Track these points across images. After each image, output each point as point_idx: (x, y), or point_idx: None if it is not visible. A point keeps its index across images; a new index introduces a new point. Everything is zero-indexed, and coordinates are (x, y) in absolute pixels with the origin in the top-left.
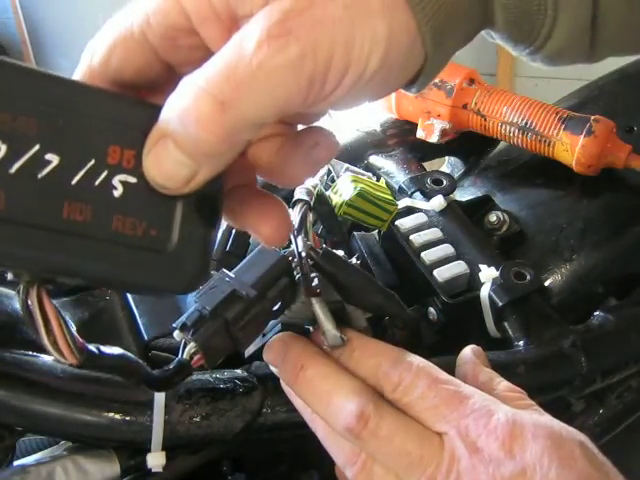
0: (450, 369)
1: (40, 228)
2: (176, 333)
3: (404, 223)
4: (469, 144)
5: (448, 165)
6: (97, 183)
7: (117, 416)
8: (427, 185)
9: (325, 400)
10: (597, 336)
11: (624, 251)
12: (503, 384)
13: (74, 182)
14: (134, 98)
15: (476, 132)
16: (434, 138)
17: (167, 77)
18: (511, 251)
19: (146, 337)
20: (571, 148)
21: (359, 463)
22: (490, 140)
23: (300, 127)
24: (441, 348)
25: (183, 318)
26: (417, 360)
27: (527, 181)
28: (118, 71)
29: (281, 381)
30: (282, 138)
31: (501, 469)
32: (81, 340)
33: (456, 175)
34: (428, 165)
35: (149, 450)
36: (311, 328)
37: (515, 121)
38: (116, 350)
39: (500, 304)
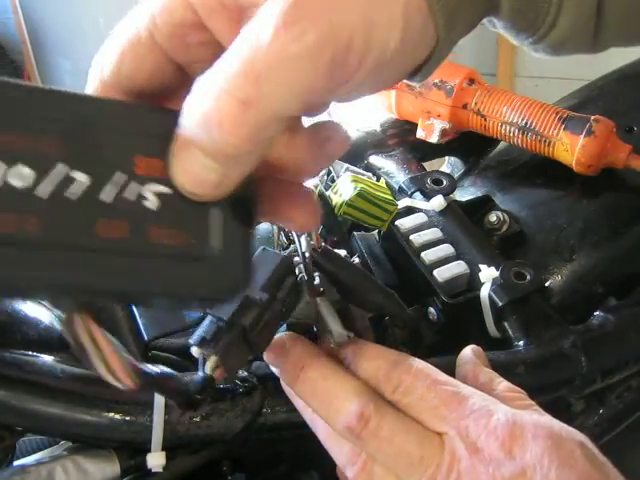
0: (450, 369)
1: (78, 250)
2: (194, 350)
3: (404, 223)
4: (469, 144)
5: (448, 165)
6: (128, 196)
7: (117, 416)
8: (427, 185)
9: (326, 400)
10: (597, 336)
11: (624, 251)
12: (503, 384)
13: (105, 198)
14: (151, 105)
15: (476, 132)
16: (434, 138)
17: (179, 80)
18: (511, 251)
19: (146, 337)
20: (571, 148)
21: (359, 463)
22: (490, 140)
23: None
24: (441, 348)
25: (200, 333)
26: (416, 362)
27: (527, 181)
28: (130, 79)
29: (281, 381)
30: (291, 132)
31: (501, 469)
32: (135, 362)
33: (456, 175)
34: (428, 165)
35: (149, 450)
36: (314, 327)
37: (515, 121)
38: (161, 369)
39: (500, 304)
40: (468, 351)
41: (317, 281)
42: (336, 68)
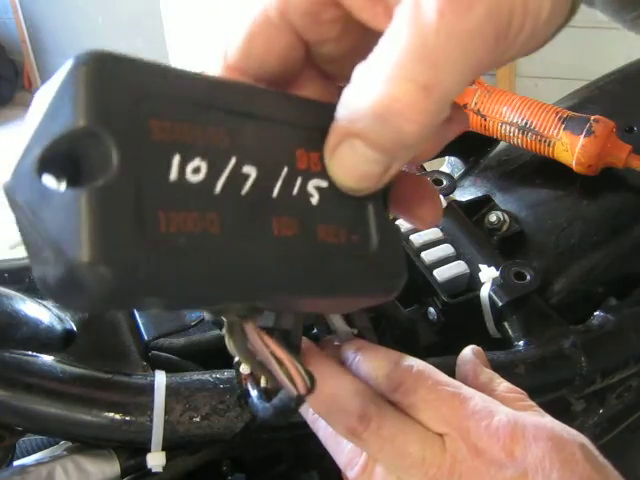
0: (450, 369)
1: (257, 250)
2: (244, 366)
3: (404, 223)
4: (469, 144)
5: (448, 165)
6: (295, 192)
7: (117, 416)
8: None
9: (327, 401)
10: (597, 336)
11: (624, 251)
12: (504, 385)
13: (275, 194)
14: (301, 96)
15: (476, 132)
16: None
17: (303, 63)
18: (511, 251)
19: (146, 337)
20: (571, 148)
21: (360, 464)
22: (490, 140)
23: None
24: (441, 348)
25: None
26: (417, 362)
27: (527, 181)
28: (260, 62)
29: None
30: None
31: (503, 471)
32: (304, 366)
33: (456, 175)
34: (428, 165)
35: (149, 450)
36: (315, 328)
37: (515, 121)
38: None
39: (500, 304)
40: (468, 351)
41: None
42: (500, 41)
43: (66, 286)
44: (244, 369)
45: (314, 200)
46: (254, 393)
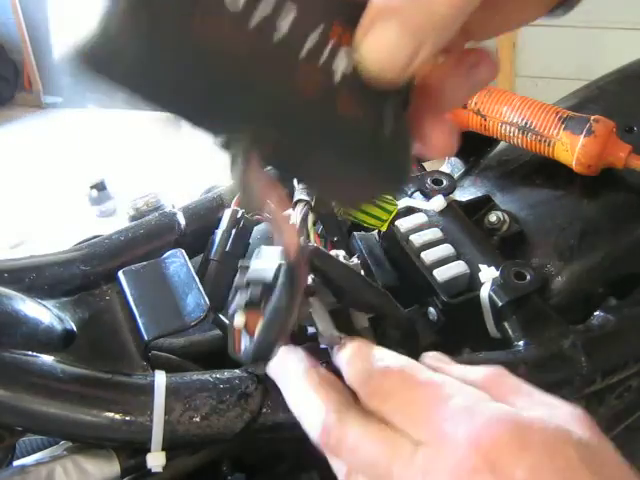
0: None
1: (276, 85)
2: (238, 318)
3: (404, 223)
4: (469, 144)
5: (448, 165)
6: (322, 61)
7: (117, 416)
8: (427, 185)
9: (298, 412)
10: (597, 336)
11: (624, 251)
12: (474, 373)
13: (304, 53)
14: None
15: (476, 132)
16: None
17: None
18: (511, 251)
19: (146, 337)
20: (571, 148)
21: (343, 470)
22: (490, 140)
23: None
24: (441, 348)
25: (243, 299)
26: (398, 363)
27: (527, 181)
28: None
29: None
30: (442, 55)
31: None
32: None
33: (456, 175)
34: (428, 165)
35: (149, 450)
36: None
37: (515, 121)
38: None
39: (500, 304)
40: (425, 359)
41: (310, 282)
42: None
43: (98, 45)
44: (237, 322)
45: (338, 72)
46: (245, 343)
